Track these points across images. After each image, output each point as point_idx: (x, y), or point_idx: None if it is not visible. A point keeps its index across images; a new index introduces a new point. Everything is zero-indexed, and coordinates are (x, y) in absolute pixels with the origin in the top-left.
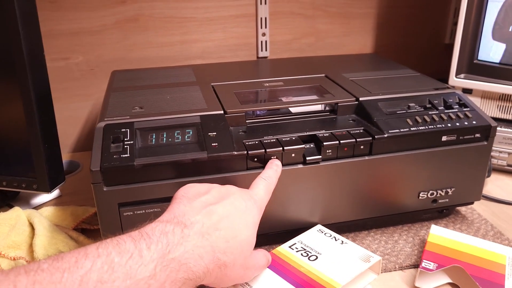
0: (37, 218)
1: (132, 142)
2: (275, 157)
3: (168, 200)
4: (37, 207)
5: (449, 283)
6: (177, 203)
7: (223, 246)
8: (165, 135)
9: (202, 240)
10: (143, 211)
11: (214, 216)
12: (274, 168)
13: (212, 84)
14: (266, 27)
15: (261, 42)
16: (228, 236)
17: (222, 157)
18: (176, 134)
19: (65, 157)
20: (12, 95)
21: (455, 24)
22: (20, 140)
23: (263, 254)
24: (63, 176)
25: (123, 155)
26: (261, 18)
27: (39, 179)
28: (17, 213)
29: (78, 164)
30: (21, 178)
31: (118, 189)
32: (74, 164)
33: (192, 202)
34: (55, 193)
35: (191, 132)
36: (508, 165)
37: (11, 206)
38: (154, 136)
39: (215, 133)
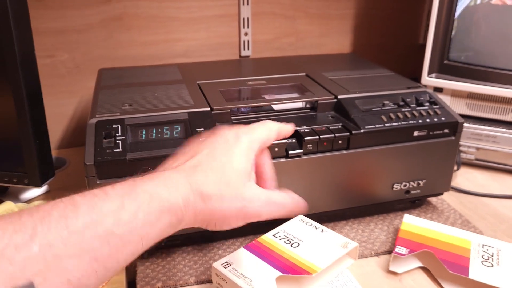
0: None
1: (123, 137)
2: None
3: None
4: (26, 202)
5: (420, 267)
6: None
7: (201, 178)
8: (154, 131)
9: (175, 173)
10: None
11: (195, 160)
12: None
13: (197, 82)
14: (248, 27)
15: (243, 41)
16: (206, 168)
17: None
18: (165, 130)
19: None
20: (2, 92)
21: (428, 26)
22: (10, 136)
23: (287, 194)
24: (53, 171)
25: (116, 150)
26: (243, 18)
27: (30, 174)
28: (9, 206)
29: (65, 161)
30: (12, 173)
31: (111, 182)
32: (60, 161)
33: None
34: (44, 188)
35: (179, 128)
36: (476, 159)
37: (1, 201)
38: (144, 132)
39: (202, 129)
